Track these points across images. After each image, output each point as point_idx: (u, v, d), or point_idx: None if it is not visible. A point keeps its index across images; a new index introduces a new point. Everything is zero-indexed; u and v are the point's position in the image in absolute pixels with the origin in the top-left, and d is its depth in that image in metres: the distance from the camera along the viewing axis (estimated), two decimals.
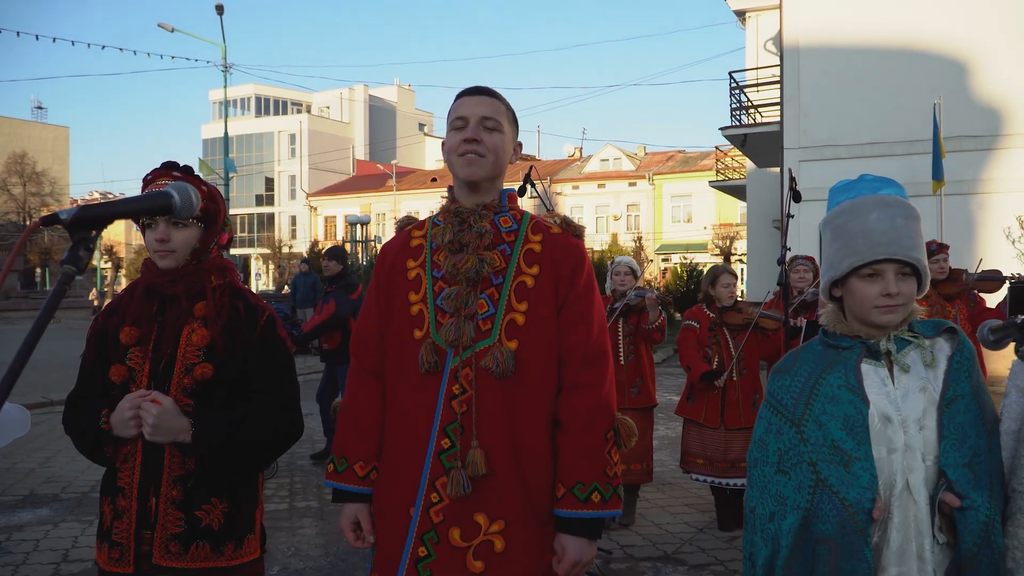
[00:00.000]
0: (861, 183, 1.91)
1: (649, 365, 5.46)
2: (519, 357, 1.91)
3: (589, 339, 1.97)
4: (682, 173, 44.63)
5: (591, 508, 1.88)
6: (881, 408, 1.78)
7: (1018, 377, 1.88)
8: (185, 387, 2.00)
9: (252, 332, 2.07)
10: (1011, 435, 1.89)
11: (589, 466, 1.89)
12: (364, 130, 62.56)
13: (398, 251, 2.10)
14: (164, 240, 2.03)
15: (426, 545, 1.88)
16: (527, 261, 1.99)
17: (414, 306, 1.99)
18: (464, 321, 1.92)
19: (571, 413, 1.93)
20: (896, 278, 1.78)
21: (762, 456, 1.88)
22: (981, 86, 13.68)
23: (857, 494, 1.72)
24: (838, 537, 1.72)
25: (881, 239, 1.78)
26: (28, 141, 56.59)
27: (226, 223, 2.16)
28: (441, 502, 1.88)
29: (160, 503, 1.99)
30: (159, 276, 2.07)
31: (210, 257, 2.12)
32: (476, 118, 1.99)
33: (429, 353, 1.93)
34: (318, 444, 8.05)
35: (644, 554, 4.85)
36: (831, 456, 1.76)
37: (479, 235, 1.99)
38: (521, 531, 1.88)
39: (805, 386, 1.84)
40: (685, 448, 5.32)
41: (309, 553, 4.89)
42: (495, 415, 1.89)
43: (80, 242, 1.12)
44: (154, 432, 1.92)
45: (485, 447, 1.87)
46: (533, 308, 1.95)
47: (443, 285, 1.98)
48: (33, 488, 6.38)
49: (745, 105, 18.98)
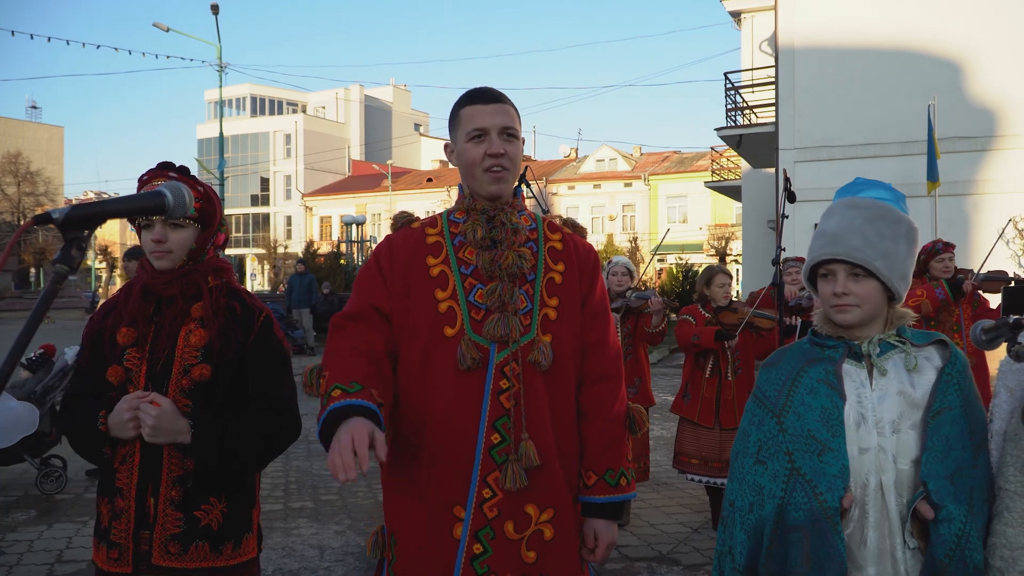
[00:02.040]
0: (851, 186, 1.95)
1: (646, 366, 5.48)
2: (554, 350, 1.98)
3: (609, 334, 2.09)
4: (677, 174, 44.65)
5: (620, 492, 2.01)
6: (856, 408, 1.81)
7: (1007, 377, 1.89)
8: (183, 388, 2.00)
9: (249, 333, 2.06)
10: (999, 434, 1.90)
11: (616, 453, 2.02)
12: (360, 130, 62.50)
13: (414, 246, 2.02)
14: (160, 241, 2.03)
15: (481, 542, 1.89)
16: (552, 258, 2.05)
17: (443, 303, 1.95)
18: (510, 316, 1.94)
19: (598, 404, 2.03)
20: (847, 278, 1.81)
21: (743, 448, 1.92)
22: (976, 87, 13.72)
23: (828, 483, 1.75)
24: (809, 525, 1.75)
25: (831, 240, 1.83)
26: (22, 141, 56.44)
27: (222, 223, 2.15)
28: (494, 497, 1.90)
29: (159, 503, 1.99)
30: (155, 277, 2.07)
31: (207, 258, 2.12)
32: (497, 129, 1.98)
33: (471, 350, 1.91)
34: (314, 445, 8.05)
35: (639, 554, 4.86)
36: (806, 446, 1.80)
37: (514, 231, 2.01)
38: (567, 518, 1.97)
39: (787, 378, 1.88)
40: (679, 448, 5.33)
41: (304, 553, 4.88)
42: (541, 407, 1.95)
43: (72, 241, 1.12)
44: (154, 434, 1.93)
45: (534, 439, 1.92)
46: (562, 303, 2.02)
47: (474, 282, 1.97)
48: (27, 489, 6.36)
49: (740, 106, 19.01)
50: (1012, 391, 1.90)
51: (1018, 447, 1.80)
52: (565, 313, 2.01)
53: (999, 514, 1.79)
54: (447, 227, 2.06)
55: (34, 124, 62.54)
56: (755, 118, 19.24)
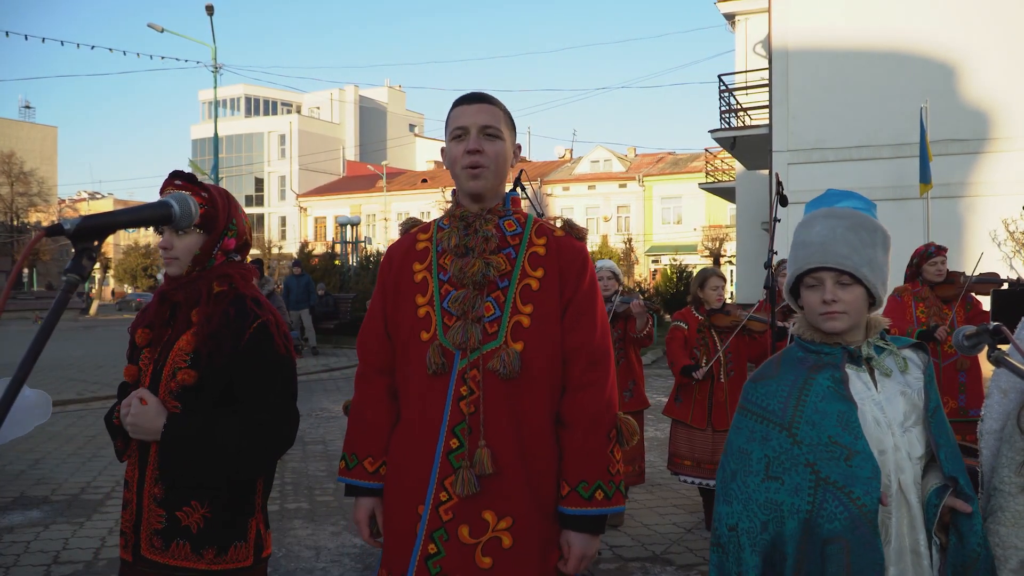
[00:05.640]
0: (824, 198, 1.99)
1: (639, 368, 5.49)
2: (524, 358, 1.96)
3: (593, 339, 2.02)
4: (672, 175, 44.74)
5: (595, 506, 1.95)
6: (870, 411, 1.82)
7: (1000, 378, 1.95)
8: (172, 391, 2.05)
9: (238, 341, 2.05)
10: (993, 434, 1.95)
11: (593, 465, 1.96)
12: (354, 131, 62.43)
13: (404, 254, 2.14)
14: (167, 248, 2.11)
15: (435, 542, 1.93)
16: (532, 264, 2.04)
17: (421, 308, 2.04)
18: (471, 324, 1.97)
19: (576, 413, 1.99)
20: (835, 286, 1.83)
21: (742, 467, 1.86)
22: (968, 90, 13.78)
23: (863, 486, 1.73)
24: (848, 534, 1.72)
25: (818, 248, 1.85)
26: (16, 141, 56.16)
27: (230, 228, 2.16)
28: (450, 500, 1.93)
29: (144, 499, 2.06)
30: (168, 283, 2.15)
31: (215, 263, 2.14)
32: (476, 127, 2.03)
33: (437, 355, 1.98)
34: (309, 446, 8.07)
35: (633, 554, 4.89)
36: (829, 453, 1.77)
37: (485, 239, 2.03)
38: (528, 527, 1.94)
39: (793, 389, 1.86)
40: (673, 450, 5.36)
41: (300, 554, 4.90)
42: (501, 415, 1.95)
43: (83, 251, 1.15)
44: (133, 430, 2.01)
45: (492, 447, 1.93)
46: (538, 310, 2.00)
47: (449, 288, 2.03)
48: (23, 490, 6.36)
49: (734, 108, 19.07)
50: (1005, 392, 1.95)
51: (1013, 448, 1.85)
52: (541, 320, 1.99)
53: (993, 513, 1.85)
54: (435, 233, 2.13)
55: (28, 124, 62.24)
56: (749, 120, 19.31)
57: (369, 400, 2.13)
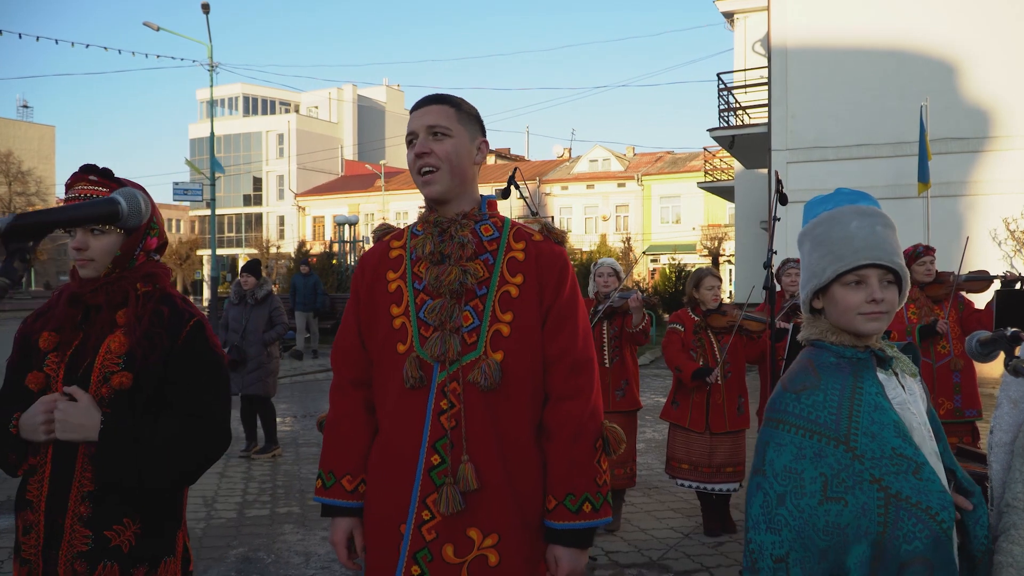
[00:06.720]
0: (838, 195, 1.88)
1: (634, 368, 5.41)
2: (505, 368, 1.88)
3: (575, 347, 1.93)
4: (671, 174, 44.67)
5: (582, 519, 1.86)
6: (910, 417, 1.72)
7: (1010, 388, 1.85)
8: (103, 397, 1.89)
9: (175, 340, 1.95)
10: (1003, 447, 1.86)
11: (579, 476, 1.87)
12: (352, 130, 62.35)
13: (377, 262, 2.05)
14: (81, 249, 1.93)
15: (419, 563, 1.85)
16: (511, 270, 1.94)
17: (396, 319, 1.95)
18: (449, 335, 1.88)
19: (560, 423, 1.90)
20: (880, 284, 1.73)
21: (793, 488, 1.65)
22: (968, 89, 13.71)
23: (939, 499, 1.61)
24: (931, 552, 1.58)
25: (863, 244, 1.73)
26: (13, 140, 56.18)
27: (153, 227, 2.03)
28: (433, 519, 1.85)
29: (67, 519, 1.87)
30: (81, 285, 1.97)
31: (137, 264, 2.01)
32: (424, 129, 1.96)
33: (414, 368, 1.89)
34: (303, 448, 7.98)
35: (629, 560, 4.80)
36: (896, 466, 1.62)
37: (461, 246, 1.94)
38: (514, 543, 1.86)
39: (843, 398, 1.69)
40: (670, 453, 5.28)
41: (290, 560, 4.81)
42: (484, 429, 1.86)
43: (15, 253, 1.05)
44: (63, 427, 1.83)
45: (475, 461, 1.84)
46: (518, 318, 1.91)
47: (425, 297, 1.94)
48: (10, 495, 6.27)
49: (733, 107, 19.02)
50: (1016, 403, 1.86)
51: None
52: (521, 328, 1.90)
53: (1006, 531, 1.76)
54: (409, 240, 2.03)
55: (25, 124, 62.26)
56: (748, 119, 19.25)
57: (345, 414, 2.04)
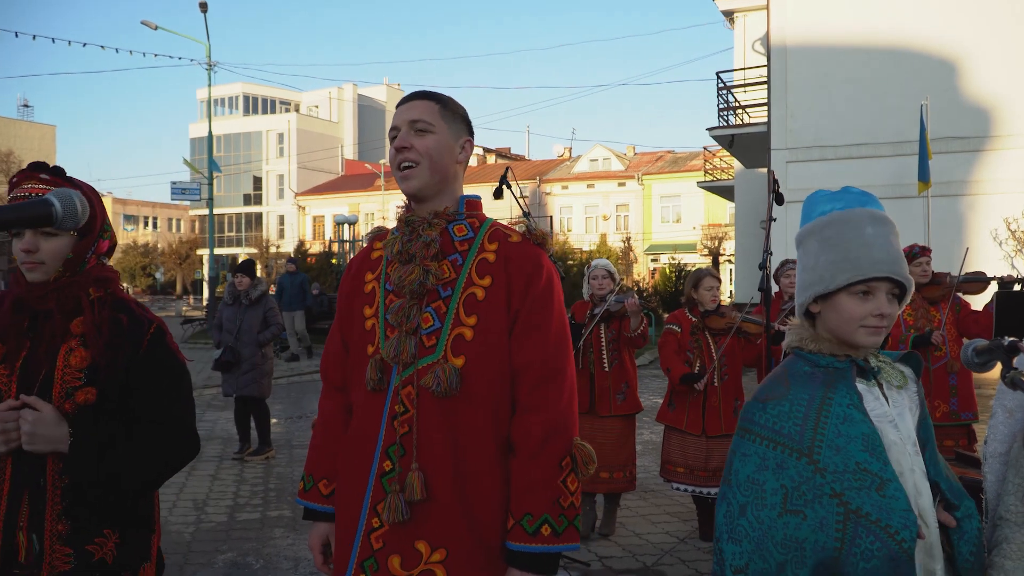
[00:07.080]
0: (847, 195, 1.77)
1: (632, 370, 5.34)
2: (465, 374, 1.78)
3: (544, 356, 1.82)
4: (671, 173, 44.58)
5: (540, 542, 1.73)
6: (886, 431, 1.65)
7: (1005, 397, 1.79)
8: (66, 413, 1.81)
9: (137, 348, 1.88)
10: (998, 457, 1.80)
11: (540, 495, 1.75)
12: (353, 129, 62.24)
13: (359, 264, 2.03)
14: (31, 251, 1.84)
15: (366, 572, 1.79)
16: (479, 272, 1.84)
17: (368, 320, 1.91)
18: (406, 336, 1.81)
19: (523, 437, 1.79)
20: (887, 298, 1.66)
21: (754, 499, 1.62)
22: (969, 88, 13.64)
23: (901, 518, 1.54)
24: (888, 572, 1.52)
25: (882, 256, 1.66)
26: (14, 140, 56.07)
27: (105, 229, 1.96)
28: (381, 527, 1.78)
29: (45, 539, 1.79)
30: (28, 290, 1.88)
31: (87, 267, 1.92)
32: (405, 124, 1.90)
33: (374, 370, 1.84)
34: (296, 450, 7.92)
35: (623, 566, 4.73)
36: (858, 482, 1.57)
37: (425, 245, 1.86)
38: (464, 561, 1.75)
39: (810, 409, 1.64)
40: (666, 456, 5.21)
41: (279, 566, 4.74)
42: (437, 437, 1.78)
43: None
44: (31, 440, 1.75)
45: (425, 471, 1.76)
46: (483, 322, 1.81)
47: (394, 298, 1.88)
48: None
49: (733, 106, 18.95)
50: (1011, 412, 1.79)
51: (1019, 474, 1.70)
52: (485, 333, 1.80)
53: (998, 545, 1.70)
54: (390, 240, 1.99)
55: (26, 123, 62.12)
56: (747, 118, 19.19)
57: (325, 419, 2.04)
